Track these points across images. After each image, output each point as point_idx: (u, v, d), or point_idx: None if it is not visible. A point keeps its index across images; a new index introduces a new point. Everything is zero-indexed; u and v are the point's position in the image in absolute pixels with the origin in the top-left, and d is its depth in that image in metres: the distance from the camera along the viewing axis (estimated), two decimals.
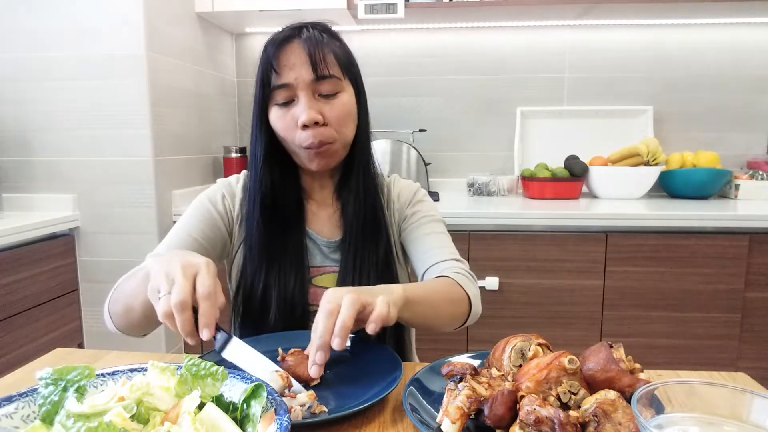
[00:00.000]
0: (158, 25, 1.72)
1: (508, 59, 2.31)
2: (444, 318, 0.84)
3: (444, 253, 0.94)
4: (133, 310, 0.78)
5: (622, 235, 1.72)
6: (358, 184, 0.94)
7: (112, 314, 0.83)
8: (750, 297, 1.72)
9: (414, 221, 0.99)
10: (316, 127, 0.86)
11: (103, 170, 1.72)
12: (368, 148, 0.97)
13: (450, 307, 0.84)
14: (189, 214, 0.97)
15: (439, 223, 1.01)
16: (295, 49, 0.86)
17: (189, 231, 0.94)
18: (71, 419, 0.44)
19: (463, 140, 2.37)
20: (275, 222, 0.92)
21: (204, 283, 0.63)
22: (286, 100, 0.87)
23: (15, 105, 1.72)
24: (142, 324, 0.81)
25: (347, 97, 0.89)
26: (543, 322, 1.77)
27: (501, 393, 0.53)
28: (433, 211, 1.01)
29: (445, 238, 0.99)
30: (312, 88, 0.86)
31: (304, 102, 0.85)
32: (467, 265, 0.94)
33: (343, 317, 0.63)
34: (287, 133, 0.88)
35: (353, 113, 0.91)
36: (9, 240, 1.48)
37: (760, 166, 2.11)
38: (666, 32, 2.24)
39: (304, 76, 0.85)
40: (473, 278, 0.92)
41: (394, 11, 1.93)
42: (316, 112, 0.85)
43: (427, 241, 0.97)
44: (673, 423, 0.48)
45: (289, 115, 0.87)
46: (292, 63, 0.85)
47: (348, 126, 0.90)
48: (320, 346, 0.63)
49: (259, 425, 0.46)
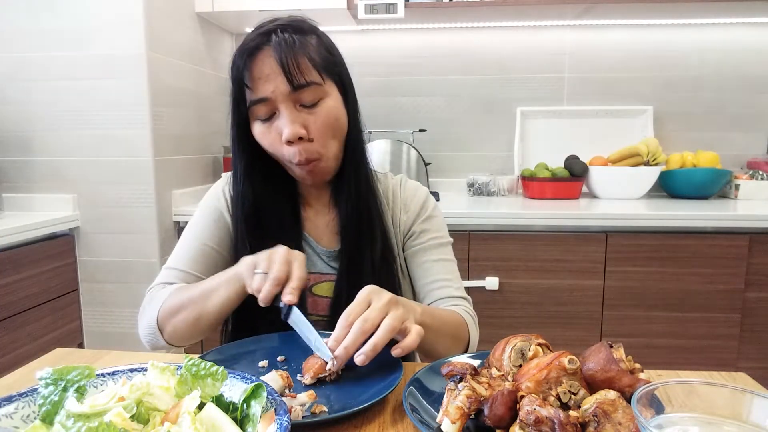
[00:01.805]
0: (158, 25, 1.72)
1: (508, 59, 2.31)
2: (440, 351, 0.82)
3: (451, 289, 0.92)
4: (205, 314, 0.81)
5: (622, 235, 1.72)
6: (351, 188, 0.90)
7: (168, 326, 0.83)
8: (750, 297, 1.72)
9: (422, 242, 0.95)
10: (301, 143, 0.81)
11: (103, 170, 1.72)
12: (360, 149, 0.92)
13: (450, 343, 0.83)
14: (196, 219, 0.96)
15: (447, 247, 0.97)
16: (266, 58, 0.79)
17: (200, 238, 0.93)
18: (71, 419, 0.44)
19: (463, 140, 2.37)
20: (266, 235, 0.89)
21: (298, 265, 0.74)
22: (267, 115, 0.82)
23: (15, 105, 1.72)
24: (213, 325, 0.84)
25: (332, 103, 0.83)
26: (543, 322, 1.77)
27: (501, 393, 0.53)
28: (442, 231, 0.98)
29: (453, 267, 0.96)
30: (292, 98, 0.80)
31: (286, 116, 0.80)
32: (471, 303, 0.94)
33: (376, 341, 0.64)
34: (275, 148, 0.84)
35: (341, 118, 0.86)
36: (9, 240, 1.48)
37: (760, 166, 2.11)
38: (666, 32, 2.24)
39: (281, 88, 0.79)
40: (475, 320, 0.91)
41: (394, 11, 1.93)
42: (300, 126, 0.80)
43: (434, 269, 0.94)
44: (673, 423, 0.48)
45: (273, 129, 0.82)
46: (266, 74, 0.79)
47: (334, 136, 0.85)
48: (340, 357, 0.64)
49: (259, 425, 0.46)
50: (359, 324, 0.64)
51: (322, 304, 0.92)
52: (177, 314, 0.82)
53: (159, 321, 0.84)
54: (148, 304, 0.88)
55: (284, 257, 0.74)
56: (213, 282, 0.81)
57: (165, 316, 0.83)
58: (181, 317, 0.82)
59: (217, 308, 0.80)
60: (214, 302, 0.80)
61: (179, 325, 0.83)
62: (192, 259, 0.91)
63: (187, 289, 0.83)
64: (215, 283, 0.80)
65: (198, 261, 0.91)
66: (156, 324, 0.84)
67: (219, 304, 0.80)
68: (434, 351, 0.81)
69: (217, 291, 0.79)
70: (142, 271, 1.76)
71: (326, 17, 2.07)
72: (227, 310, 0.81)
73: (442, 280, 0.93)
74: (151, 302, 0.87)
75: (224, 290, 0.79)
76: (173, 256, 0.93)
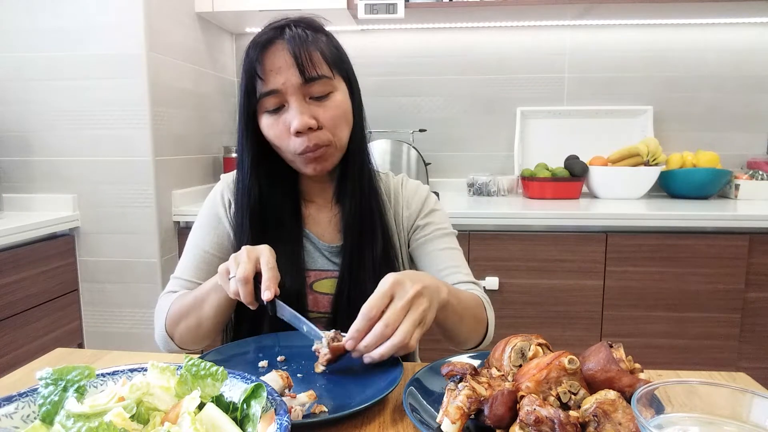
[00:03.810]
0: (158, 25, 1.72)
1: (508, 59, 2.31)
2: (465, 331, 0.83)
3: (461, 275, 0.93)
4: (203, 320, 0.83)
5: (622, 235, 1.72)
6: (354, 185, 0.91)
7: (176, 333, 0.87)
8: (750, 297, 1.72)
9: (427, 234, 0.96)
10: (310, 132, 0.82)
11: (103, 170, 1.72)
12: (364, 147, 0.93)
13: (473, 323, 0.84)
14: (197, 227, 0.97)
15: (451, 237, 0.98)
16: (279, 51, 0.81)
17: (201, 246, 0.95)
18: (71, 419, 0.44)
19: (463, 140, 2.37)
20: (268, 230, 0.90)
21: (265, 261, 0.73)
22: (276, 106, 0.83)
23: (15, 105, 1.72)
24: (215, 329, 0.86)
25: (340, 97, 0.85)
26: (543, 322, 1.77)
27: (501, 393, 0.53)
28: (446, 223, 0.99)
29: (459, 255, 0.97)
30: (302, 91, 0.82)
31: (296, 107, 0.81)
32: (482, 288, 0.95)
33: (383, 352, 0.65)
34: (280, 141, 0.85)
35: (348, 112, 0.87)
36: (9, 240, 1.48)
37: (760, 166, 2.11)
38: (666, 32, 2.24)
39: (292, 80, 0.80)
40: (490, 303, 0.92)
41: (394, 11, 1.93)
42: (309, 117, 0.81)
43: (441, 257, 0.95)
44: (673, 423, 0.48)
45: (280, 122, 0.83)
46: (278, 67, 0.81)
47: (343, 127, 0.87)
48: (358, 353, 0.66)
49: (259, 425, 0.46)
50: (380, 329, 0.65)
51: (323, 301, 0.92)
52: (180, 322, 0.86)
53: (167, 329, 0.88)
54: (156, 315, 0.91)
55: (247, 255, 0.73)
56: (203, 289, 0.83)
57: (171, 324, 0.87)
58: (183, 325, 0.85)
59: (212, 314, 0.82)
60: (208, 309, 0.82)
61: (184, 332, 0.86)
62: (195, 267, 0.94)
63: (184, 298, 0.86)
64: (205, 290, 0.83)
65: (201, 269, 0.94)
66: (165, 332, 0.88)
67: (213, 310, 0.82)
68: (458, 331, 0.83)
69: (208, 298, 0.82)
70: (142, 271, 1.76)
71: (326, 17, 2.06)
72: (223, 315, 0.83)
73: (451, 266, 0.94)
74: (158, 313, 0.91)
75: (213, 297, 0.81)
76: (179, 266, 0.96)
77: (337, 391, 0.66)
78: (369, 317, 0.65)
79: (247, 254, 0.74)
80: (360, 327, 0.65)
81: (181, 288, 0.93)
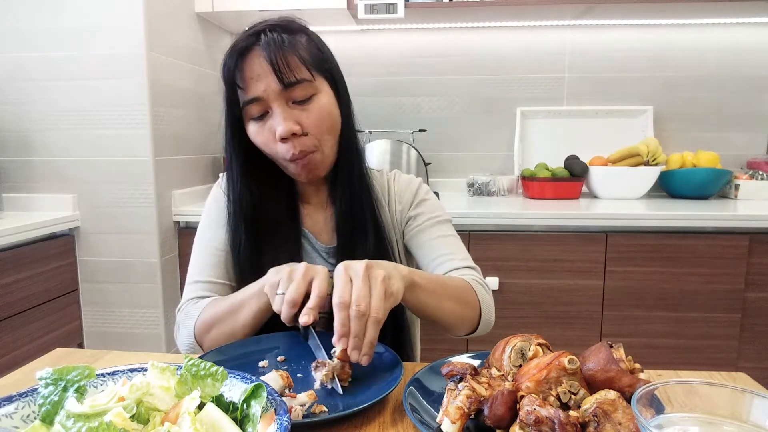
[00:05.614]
0: (158, 25, 1.72)
1: (508, 59, 2.31)
2: (449, 315, 0.81)
3: (456, 261, 0.91)
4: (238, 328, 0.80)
5: (622, 235, 1.72)
6: (344, 186, 0.90)
7: (206, 339, 0.84)
8: (750, 297, 1.72)
9: (418, 224, 0.96)
10: (295, 138, 0.82)
11: (103, 170, 1.72)
12: (354, 146, 0.92)
13: (457, 306, 0.82)
14: (206, 227, 0.96)
15: (445, 224, 0.97)
16: (255, 58, 0.81)
17: (215, 245, 0.93)
18: (71, 419, 0.44)
19: (463, 140, 2.37)
20: (264, 233, 0.89)
21: (317, 285, 0.70)
22: (260, 113, 0.83)
23: (15, 105, 1.72)
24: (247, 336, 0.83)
25: (324, 98, 0.84)
26: (543, 322, 1.77)
27: (501, 393, 0.53)
28: (438, 211, 0.98)
29: (455, 241, 0.95)
30: (284, 96, 0.81)
31: (279, 113, 0.81)
32: (481, 272, 0.93)
33: (371, 337, 0.64)
34: (268, 147, 0.84)
35: (333, 114, 0.86)
36: (9, 240, 1.48)
37: (760, 166, 2.11)
38: (666, 32, 2.24)
39: (272, 86, 0.80)
40: (487, 288, 0.90)
41: (394, 11, 1.93)
42: (293, 123, 0.81)
43: (435, 246, 0.94)
44: (673, 423, 0.48)
45: (266, 128, 0.83)
46: (257, 74, 0.81)
47: (329, 130, 0.86)
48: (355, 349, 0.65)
49: (259, 425, 0.46)
50: (354, 311, 0.64)
51: None
52: (211, 330, 0.83)
53: (196, 336, 0.84)
54: (182, 321, 0.88)
55: (303, 275, 0.71)
56: (241, 296, 0.80)
57: (201, 332, 0.84)
58: (214, 332, 0.83)
59: (248, 321, 0.80)
60: (244, 316, 0.79)
61: (215, 339, 0.83)
62: (212, 266, 0.92)
63: (218, 304, 0.83)
64: (243, 297, 0.80)
65: (218, 267, 0.92)
66: (194, 339, 0.85)
67: (249, 318, 0.79)
68: (441, 315, 0.80)
69: (246, 305, 0.79)
70: (142, 271, 1.76)
71: (326, 17, 2.07)
72: (258, 322, 0.81)
73: (444, 254, 0.93)
74: (186, 320, 0.87)
75: (253, 304, 0.78)
76: (193, 270, 0.93)
77: (337, 391, 0.66)
78: (344, 306, 0.64)
79: (303, 274, 0.71)
80: (342, 319, 0.64)
81: (205, 290, 0.91)
